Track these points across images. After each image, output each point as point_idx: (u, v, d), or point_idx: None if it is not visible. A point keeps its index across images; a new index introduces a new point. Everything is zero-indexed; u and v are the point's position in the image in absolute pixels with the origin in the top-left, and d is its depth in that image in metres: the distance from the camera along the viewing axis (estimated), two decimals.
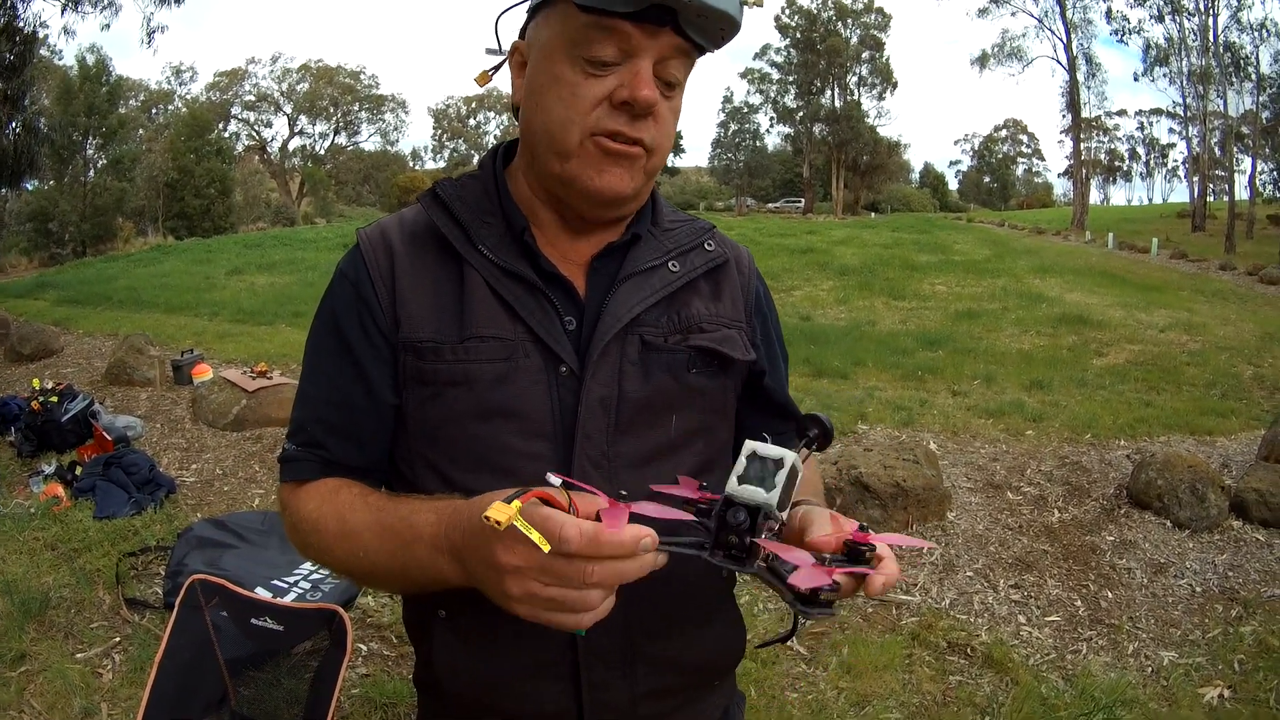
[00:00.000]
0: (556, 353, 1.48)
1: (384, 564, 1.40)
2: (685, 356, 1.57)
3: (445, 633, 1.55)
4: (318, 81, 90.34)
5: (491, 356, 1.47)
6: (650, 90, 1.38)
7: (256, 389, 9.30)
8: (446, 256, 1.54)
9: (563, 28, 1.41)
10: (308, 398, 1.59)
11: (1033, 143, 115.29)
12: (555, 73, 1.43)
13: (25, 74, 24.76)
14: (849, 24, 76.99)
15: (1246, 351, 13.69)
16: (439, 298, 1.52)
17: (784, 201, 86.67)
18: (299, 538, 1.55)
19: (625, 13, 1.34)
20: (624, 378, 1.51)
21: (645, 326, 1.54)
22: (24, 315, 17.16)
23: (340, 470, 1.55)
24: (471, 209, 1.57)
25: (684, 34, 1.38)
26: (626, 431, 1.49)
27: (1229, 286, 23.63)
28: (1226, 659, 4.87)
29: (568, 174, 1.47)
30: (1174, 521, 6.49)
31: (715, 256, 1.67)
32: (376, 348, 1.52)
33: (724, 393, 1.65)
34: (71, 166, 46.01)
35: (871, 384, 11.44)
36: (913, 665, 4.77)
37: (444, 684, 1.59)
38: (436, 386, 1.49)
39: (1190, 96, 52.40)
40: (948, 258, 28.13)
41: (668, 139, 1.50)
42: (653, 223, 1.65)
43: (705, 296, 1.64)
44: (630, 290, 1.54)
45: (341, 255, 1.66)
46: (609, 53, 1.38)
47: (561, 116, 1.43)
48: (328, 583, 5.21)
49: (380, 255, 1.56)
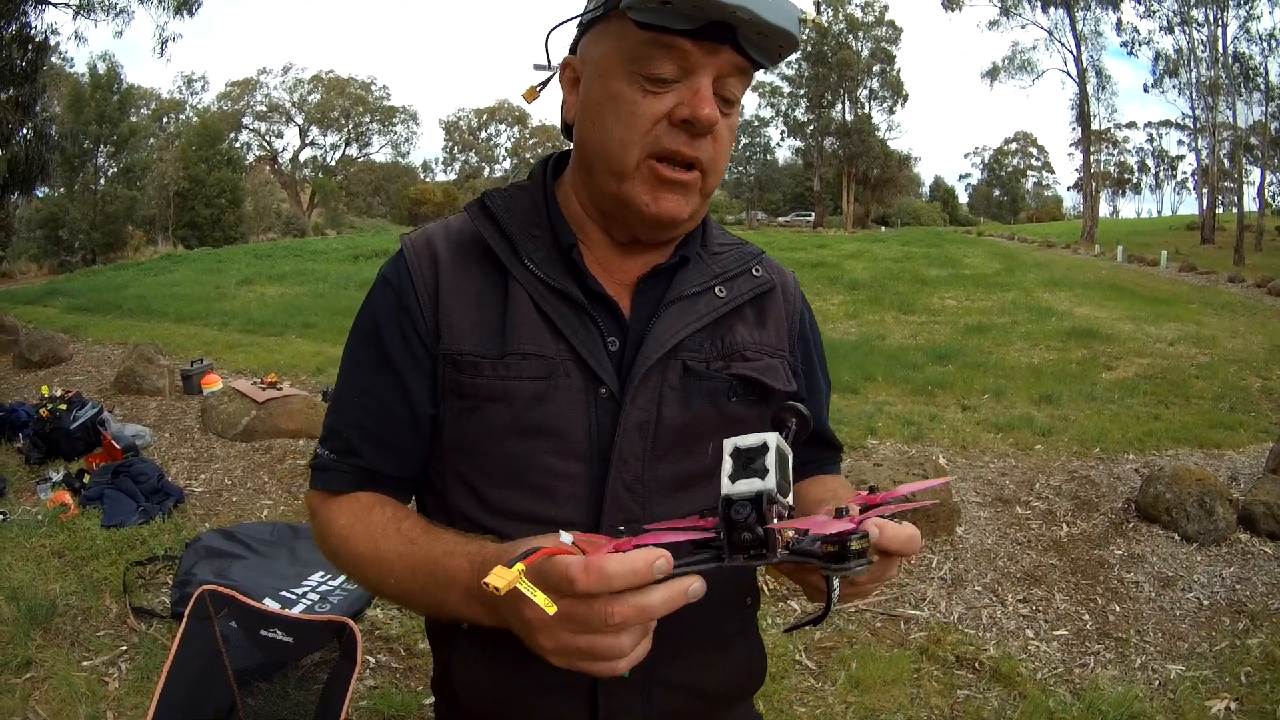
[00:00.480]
0: (597, 374, 1.46)
1: (416, 597, 1.39)
2: (727, 384, 1.55)
3: (467, 643, 1.54)
4: (329, 92, 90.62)
5: (532, 374, 1.46)
6: (712, 108, 1.37)
7: (266, 400, 9.30)
8: (492, 269, 1.53)
9: (620, 44, 1.40)
10: (344, 404, 1.58)
11: (1042, 156, 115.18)
12: (613, 90, 1.42)
13: (37, 81, 24.78)
14: (860, 37, 76.92)
15: (1255, 364, 13.67)
16: (482, 310, 1.50)
17: (794, 215, 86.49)
18: (327, 547, 1.54)
19: (685, 30, 1.32)
20: (663, 403, 1.49)
21: (688, 352, 1.52)
22: (33, 322, 17.17)
23: (374, 480, 1.54)
24: (520, 222, 1.55)
25: (743, 51, 1.37)
26: (663, 457, 1.48)
27: (1238, 299, 23.61)
28: (1234, 672, 4.86)
29: (624, 195, 1.45)
30: (1182, 535, 6.47)
31: (762, 283, 1.65)
32: (416, 357, 1.51)
33: (762, 422, 1.57)
34: (82, 174, 46.21)
35: (881, 398, 11.42)
36: (921, 679, 4.76)
37: (461, 694, 1.58)
38: (475, 401, 1.47)
39: (1200, 108, 52.43)
40: (957, 271, 28.12)
41: (724, 158, 1.49)
42: (701, 245, 1.63)
43: (750, 323, 1.62)
44: (676, 315, 1.53)
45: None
46: (668, 70, 1.37)
47: (620, 135, 1.42)
48: (336, 594, 5.21)
49: (425, 264, 1.54)
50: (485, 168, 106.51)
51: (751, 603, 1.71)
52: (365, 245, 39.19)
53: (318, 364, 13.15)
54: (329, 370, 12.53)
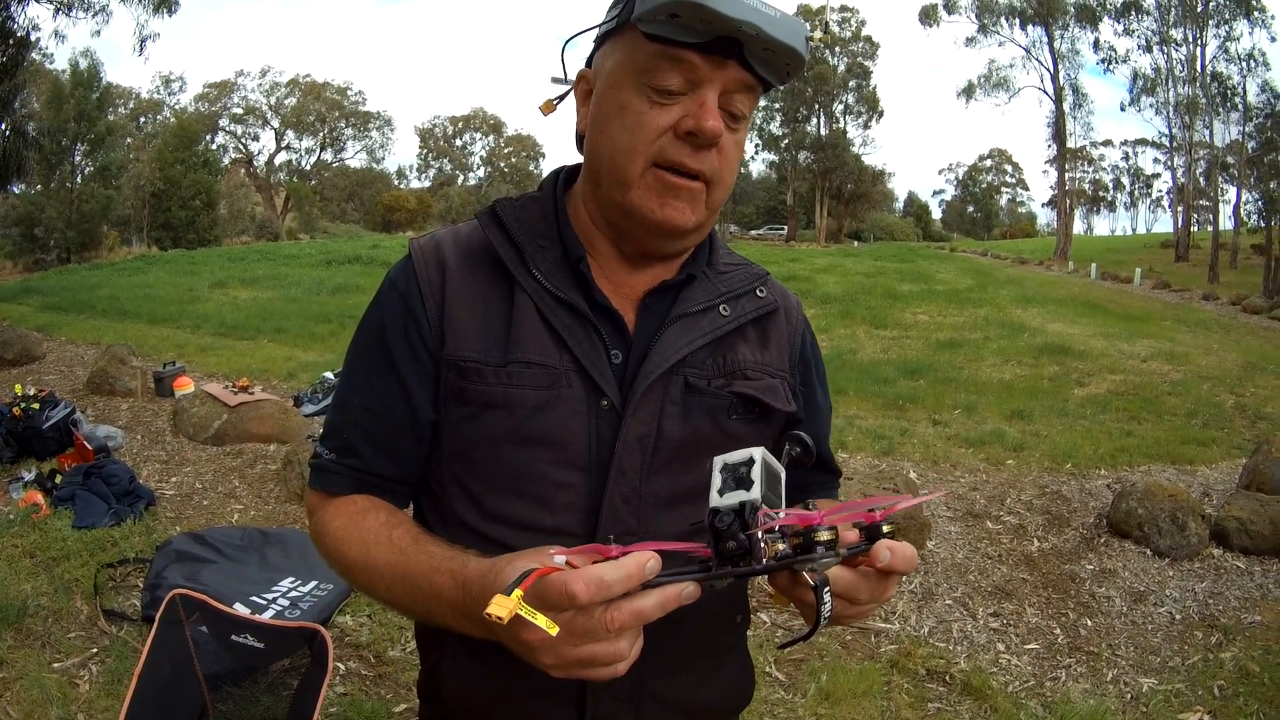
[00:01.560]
0: (600, 385, 1.47)
1: (406, 605, 1.42)
2: (727, 402, 1.56)
3: (456, 646, 1.55)
4: (305, 96, 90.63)
5: (534, 383, 1.47)
6: (716, 121, 1.38)
7: (238, 404, 9.29)
8: (499, 277, 1.54)
9: (630, 56, 1.42)
10: (347, 404, 1.59)
11: (1017, 173, 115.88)
12: (621, 100, 1.44)
13: (17, 77, 24.72)
14: (836, 52, 77.22)
15: (1229, 381, 13.77)
16: (487, 318, 1.51)
17: (767, 229, 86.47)
18: (322, 547, 1.56)
19: (692, 43, 1.34)
20: (664, 417, 1.50)
21: (691, 368, 1.53)
22: (7, 320, 17.13)
23: (371, 482, 1.56)
24: (529, 232, 1.56)
25: (749, 68, 1.38)
26: (661, 471, 1.49)
27: (1212, 316, 23.80)
28: (1207, 685, 4.89)
29: (629, 203, 1.46)
30: (1154, 550, 6.50)
31: (766, 303, 1.66)
32: (420, 362, 1.52)
33: (761, 440, 1.57)
34: (59, 172, 45.95)
35: (852, 412, 11.44)
36: (891, 692, 4.76)
37: (448, 697, 1.59)
38: (476, 407, 1.48)
39: (1176, 126, 52.78)
40: (930, 287, 28.25)
41: (730, 173, 1.49)
42: (708, 263, 1.64)
43: (753, 343, 1.64)
44: (680, 331, 1.54)
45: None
46: (675, 82, 1.39)
47: (626, 145, 1.43)
48: (306, 600, 5.20)
49: (432, 269, 1.55)
50: (460, 175, 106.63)
51: (742, 620, 1.73)
52: (338, 250, 39.15)
53: (289, 369, 13.15)
54: (300, 375, 12.54)
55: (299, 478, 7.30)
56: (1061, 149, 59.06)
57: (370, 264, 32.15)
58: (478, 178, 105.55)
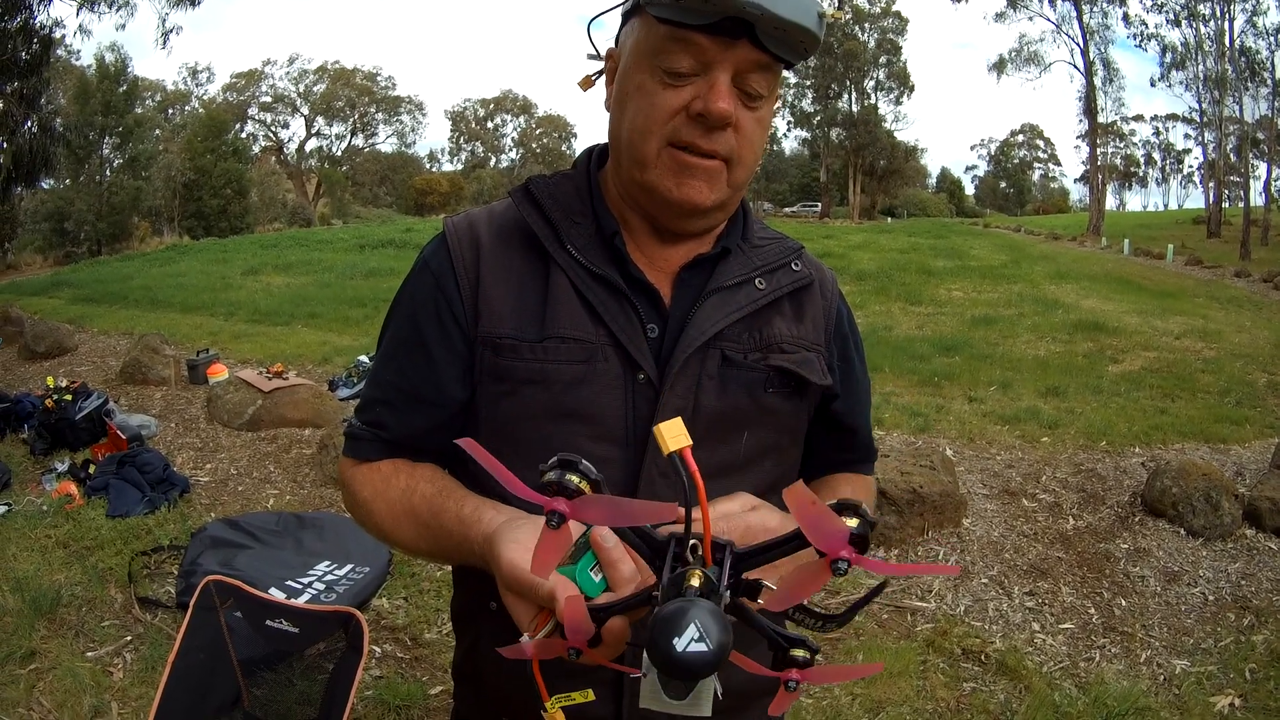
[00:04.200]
0: (636, 360, 1.48)
1: (440, 555, 1.49)
2: (764, 375, 1.56)
3: (494, 624, 1.54)
4: (334, 83, 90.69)
5: (570, 358, 1.48)
6: (725, 102, 1.37)
7: (272, 389, 9.32)
8: (533, 254, 1.55)
9: (644, 38, 1.43)
10: (378, 379, 1.63)
11: (1049, 148, 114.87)
12: (637, 82, 1.45)
13: (42, 74, 24.83)
14: (866, 28, 76.80)
15: (1261, 359, 13.65)
16: (522, 295, 1.53)
17: (800, 206, 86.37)
18: (356, 513, 1.63)
19: (700, 25, 1.34)
20: (701, 391, 1.51)
21: (727, 342, 1.54)
22: (39, 313, 17.23)
23: (398, 450, 1.59)
24: (563, 208, 1.57)
25: (763, 47, 1.37)
26: (698, 445, 1.44)
27: (1244, 293, 23.54)
28: (1238, 667, 4.86)
29: (648, 183, 1.48)
30: (1188, 530, 6.47)
31: (801, 277, 1.66)
32: (451, 341, 1.54)
33: (797, 415, 1.65)
34: (88, 165, 46.13)
35: (888, 390, 11.41)
36: (927, 672, 4.75)
37: (486, 676, 1.62)
38: (513, 383, 1.50)
39: (1206, 102, 52.32)
40: (964, 263, 28.05)
41: (751, 151, 1.49)
42: (743, 237, 1.64)
43: (788, 317, 1.64)
44: (716, 304, 1.54)
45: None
46: (685, 64, 1.38)
47: (641, 125, 1.44)
48: (341, 584, 5.22)
49: (466, 248, 1.57)
50: (491, 158, 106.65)
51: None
52: (371, 235, 39.14)
53: (324, 354, 13.17)
54: (335, 360, 12.56)
55: (334, 462, 7.31)
56: (1093, 124, 58.58)
57: (404, 247, 32.14)
58: (510, 159, 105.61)
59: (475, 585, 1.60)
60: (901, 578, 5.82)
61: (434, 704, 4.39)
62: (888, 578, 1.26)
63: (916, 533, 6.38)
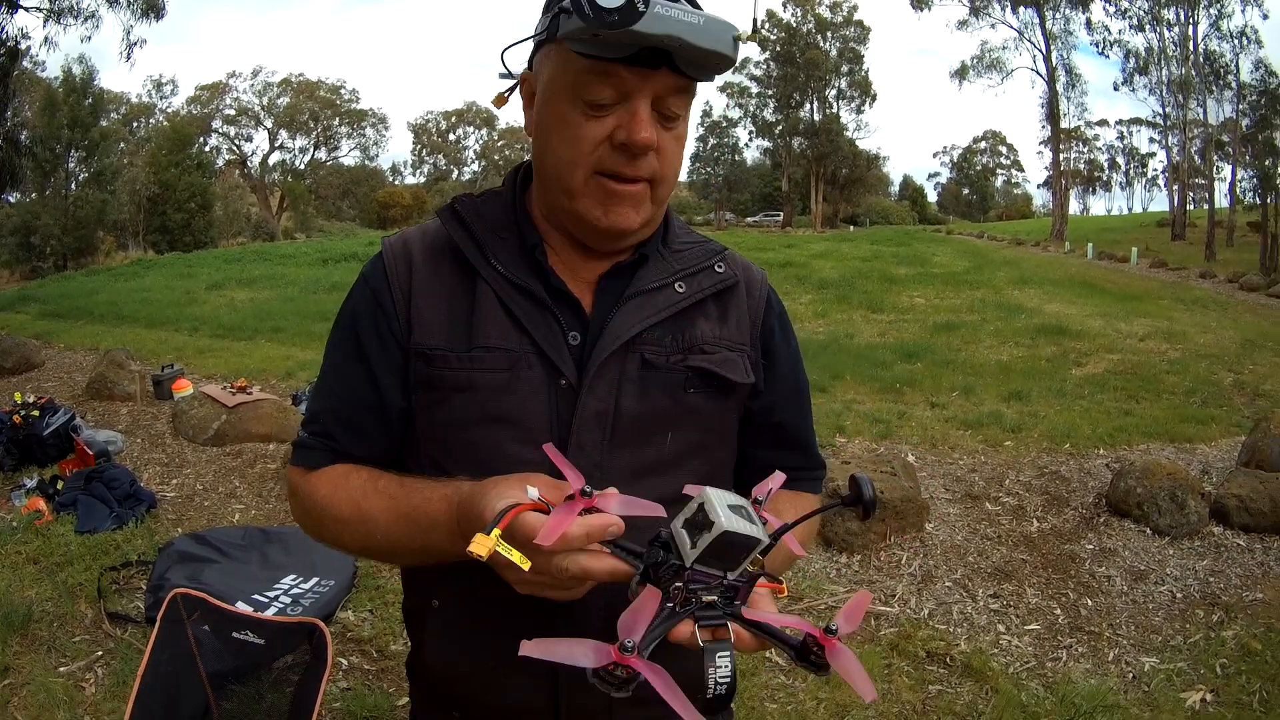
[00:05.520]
0: (558, 366, 1.54)
1: (402, 545, 1.51)
2: (683, 376, 1.61)
3: (437, 622, 1.64)
4: (298, 96, 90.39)
5: (495, 366, 1.54)
6: (647, 132, 1.43)
7: (236, 404, 9.30)
8: (461, 269, 1.61)
9: (563, 69, 1.46)
10: (323, 391, 1.68)
11: (1012, 154, 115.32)
12: (559, 113, 1.49)
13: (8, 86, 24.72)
14: (828, 37, 77.07)
15: (1227, 359, 13.78)
16: (451, 308, 1.59)
17: (763, 215, 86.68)
18: (310, 520, 1.65)
19: (620, 57, 1.38)
20: (621, 394, 1.56)
21: (647, 345, 1.59)
22: (5, 328, 17.15)
23: (348, 460, 1.62)
24: (488, 225, 1.63)
25: (680, 71, 1.42)
26: (621, 446, 1.54)
27: (1209, 294, 23.75)
28: (1209, 663, 4.90)
29: (576, 211, 1.54)
30: (1154, 529, 6.52)
31: (724, 279, 1.70)
32: (389, 352, 1.60)
33: (723, 414, 1.69)
34: (54, 179, 45.87)
35: (850, 397, 11.47)
36: (892, 675, 4.78)
37: (431, 671, 1.68)
38: (443, 392, 1.56)
39: (1170, 105, 52.70)
40: (926, 270, 28.21)
41: (673, 168, 1.55)
42: (662, 243, 1.70)
43: (712, 318, 1.68)
44: (634, 309, 1.59)
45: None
46: (606, 95, 1.43)
47: (566, 157, 1.50)
48: (308, 597, 5.23)
49: (400, 265, 1.63)
50: (454, 170, 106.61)
51: None
52: (334, 249, 39.12)
53: (287, 368, 13.17)
54: (299, 374, 12.56)
55: None
56: (1055, 130, 58.98)
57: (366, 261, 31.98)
58: (472, 172, 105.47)
59: (422, 585, 1.67)
60: (862, 583, 5.86)
61: (400, 714, 4.39)
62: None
63: (879, 538, 6.41)
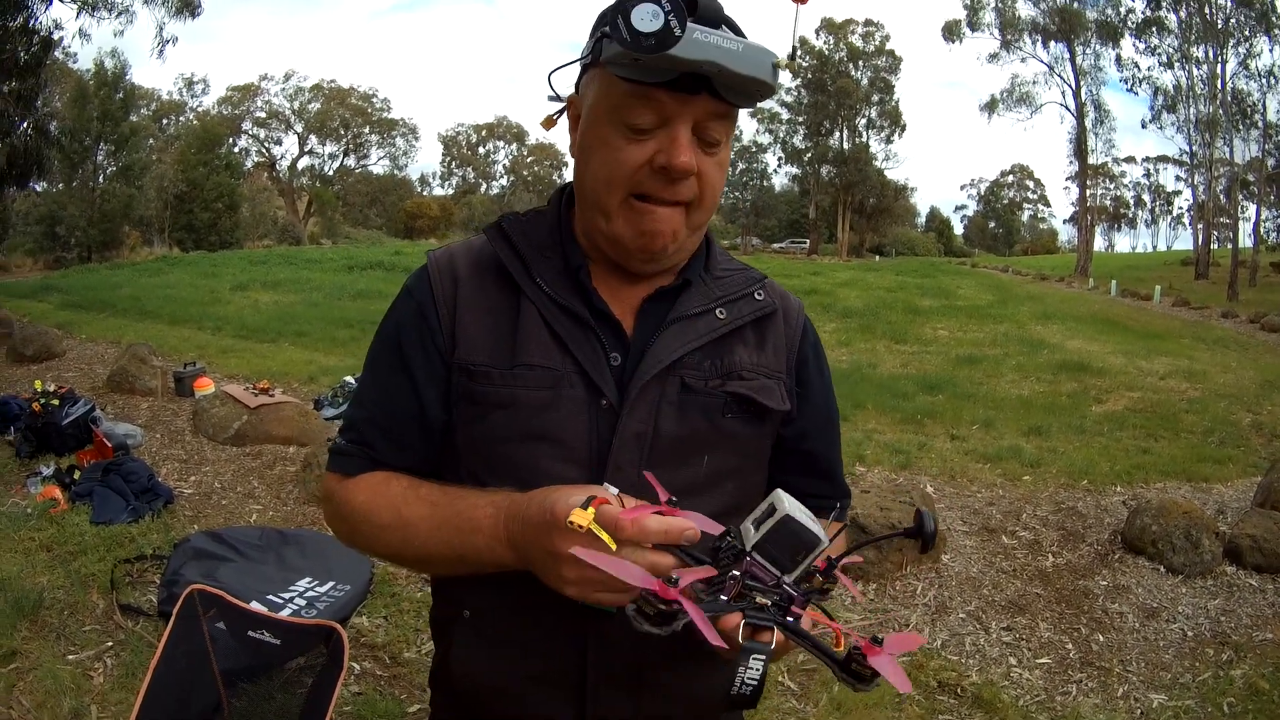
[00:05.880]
0: (599, 386, 1.55)
1: (440, 551, 1.50)
2: (722, 401, 1.62)
3: (467, 632, 1.63)
4: (329, 102, 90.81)
5: (538, 384, 1.55)
6: (687, 157, 1.44)
7: (258, 405, 9.32)
8: (506, 286, 1.62)
9: (606, 93, 1.48)
10: (364, 400, 1.69)
11: (1039, 188, 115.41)
12: (601, 135, 1.50)
13: (40, 75, 24.83)
14: (860, 66, 77.13)
15: (1246, 399, 13.73)
16: (495, 325, 1.60)
17: (789, 242, 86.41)
18: (345, 526, 1.65)
19: (661, 82, 1.39)
20: (660, 416, 1.57)
21: (687, 369, 1.60)
22: (28, 316, 17.23)
23: (385, 468, 1.63)
24: (533, 244, 1.64)
25: (720, 96, 1.42)
26: (658, 466, 1.52)
27: (1230, 334, 23.68)
28: (1216, 702, 4.87)
29: (612, 232, 1.55)
30: (1167, 567, 6.49)
31: (764, 306, 1.71)
32: (432, 365, 1.61)
33: (759, 439, 1.70)
34: (81, 171, 46.09)
35: (871, 426, 11.46)
36: (903, 704, 4.75)
37: (456, 682, 1.68)
38: (485, 407, 1.57)
39: (1197, 144, 52.56)
40: (951, 302, 28.19)
41: (711, 193, 1.55)
42: (705, 269, 1.70)
43: (750, 345, 1.69)
44: (676, 333, 1.60)
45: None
46: (647, 120, 1.44)
47: (605, 177, 1.51)
48: (323, 600, 5.22)
49: (445, 280, 1.65)
50: (482, 184, 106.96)
51: None
52: (360, 256, 39.27)
53: (310, 372, 13.20)
54: (321, 379, 12.58)
55: (318, 480, 7.30)
56: (1083, 165, 58.86)
57: (392, 270, 32.22)
58: (500, 186, 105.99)
59: (454, 594, 1.67)
60: (877, 612, 5.84)
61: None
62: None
63: (895, 567, 6.39)
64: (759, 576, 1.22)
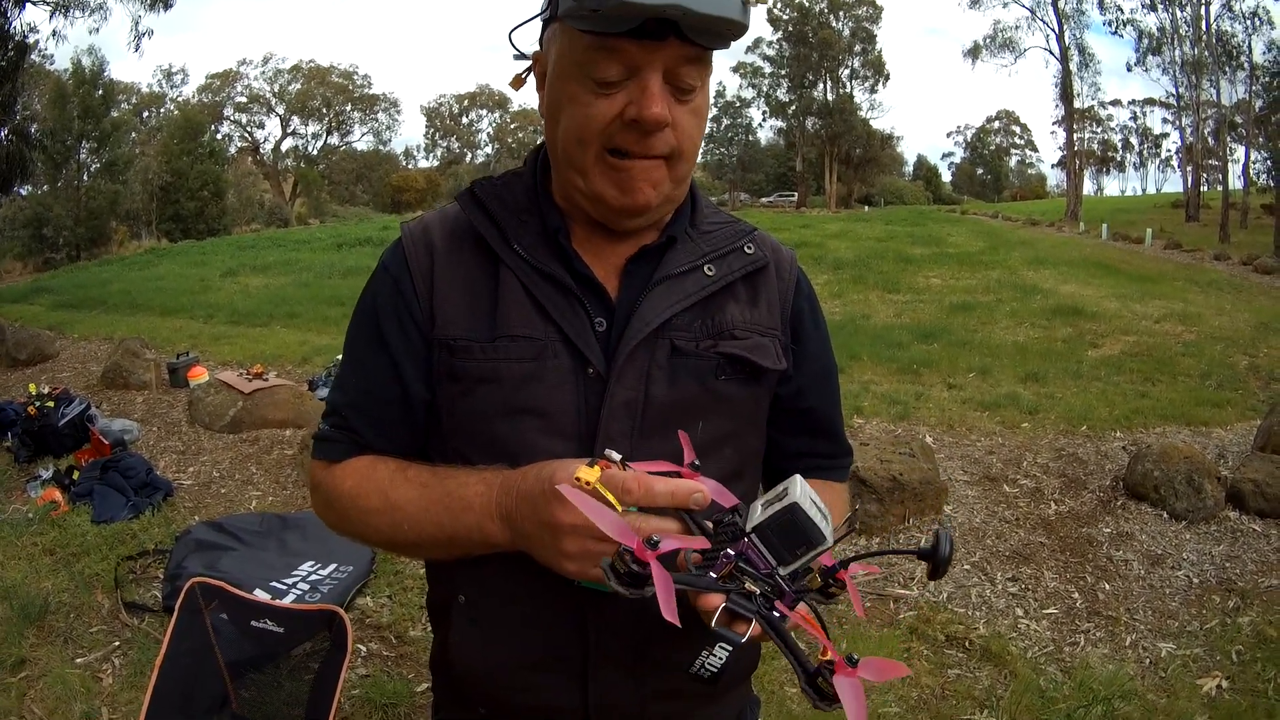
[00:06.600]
0: (585, 354, 1.49)
1: (430, 533, 1.46)
2: (714, 363, 1.55)
3: (463, 617, 1.59)
4: (310, 82, 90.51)
5: (520, 355, 1.49)
6: (659, 108, 1.37)
7: (253, 391, 9.32)
8: (483, 255, 1.56)
9: (569, 48, 1.41)
10: (344, 383, 1.64)
11: (1025, 134, 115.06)
12: (569, 92, 1.43)
13: (17, 80, 24.71)
14: (841, 16, 76.83)
15: (1241, 342, 13.69)
16: (474, 296, 1.54)
17: (777, 195, 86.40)
18: (334, 513, 1.61)
19: (624, 31, 1.32)
20: (650, 382, 1.51)
21: (677, 331, 1.54)
22: (19, 320, 17.12)
23: (371, 452, 1.59)
24: (509, 208, 1.58)
25: (689, 39, 1.35)
26: (650, 435, 1.49)
27: (1223, 276, 23.60)
28: (1224, 650, 4.88)
29: (591, 190, 1.48)
30: (1170, 513, 6.50)
31: (755, 260, 1.65)
32: (411, 341, 1.55)
33: (754, 401, 1.64)
34: (65, 170, 45.95)
35: (867, 378, 11.45)
36: (911, 659, 4.76)
37: (456, 667, 1.63)
38: (467, 383, 1.51)
39: (1183, 86, 52.48)
40: (942, 250, 28.14)
41: (691, 142, 1.48)
42: (690, 224, 1.64)
43: (742, 302, 1.63)
44: (663, 294, 1.54)
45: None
46: (614, 72, 1.37)
47: (577, 135, 1.44)
48: (326, 584, 5.22)
49: (421, 252, 1.58)
50: (467, 153, 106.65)
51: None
52: (348, 234, 39.15)
53: (303, 354, 13.18)
54: (315, 360, 12.56)
55: None
56: (1069, 109, 58.78)
57: (380, 245, 31.65)
58: (485, 155, 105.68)
59: (447, 578, 1.63)
60: (883, 565, 5.84)
61: (420, 701, 4.39)
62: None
63: (897, 520, 6.40)
64: (753, 561, 1.18)
